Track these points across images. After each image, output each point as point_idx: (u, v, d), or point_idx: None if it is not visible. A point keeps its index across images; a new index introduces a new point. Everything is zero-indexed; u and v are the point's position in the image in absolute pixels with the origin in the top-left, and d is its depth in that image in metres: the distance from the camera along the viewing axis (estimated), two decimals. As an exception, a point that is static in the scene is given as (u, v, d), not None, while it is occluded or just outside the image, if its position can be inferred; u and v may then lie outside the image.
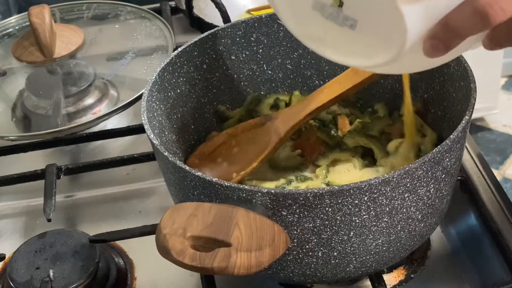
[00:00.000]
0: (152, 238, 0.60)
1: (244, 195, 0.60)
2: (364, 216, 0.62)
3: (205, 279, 0.74)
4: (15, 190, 0.92)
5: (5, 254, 0.80)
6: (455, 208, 0.80)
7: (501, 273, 0.75)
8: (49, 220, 0.81)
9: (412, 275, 0.77)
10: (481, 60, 2.14)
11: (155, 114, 0.75)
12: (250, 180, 0.77)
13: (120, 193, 0.92)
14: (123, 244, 0.82)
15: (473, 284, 0.76)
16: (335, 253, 0.64)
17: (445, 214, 0.73)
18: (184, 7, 1.14)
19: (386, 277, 0.74)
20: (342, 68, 0.86)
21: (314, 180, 0.77)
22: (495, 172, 2.09)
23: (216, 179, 0.61)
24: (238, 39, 0.85)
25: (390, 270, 0.76)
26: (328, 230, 0.62)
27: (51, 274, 0.74)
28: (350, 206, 0.60)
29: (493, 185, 0.83)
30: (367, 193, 0.60)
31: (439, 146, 0.62)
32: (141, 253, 0.81)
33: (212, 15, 1.10)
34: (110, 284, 0.77)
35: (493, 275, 0.76)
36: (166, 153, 0.65)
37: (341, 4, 0.56)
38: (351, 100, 0.87)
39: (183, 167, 0.63)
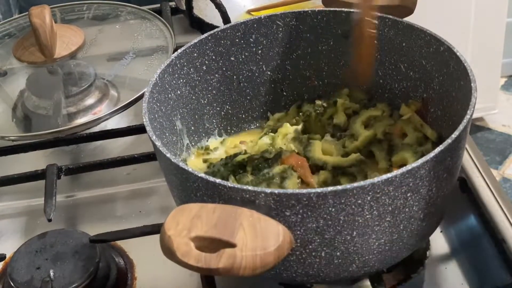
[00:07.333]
0: (152, 238, 0.60)
1: (247, 195, 0.60)
2: (367, 216, 0.62)
3: (205, 279, 0.74)
4: (15, 190, 0.92)
5: (5, 254, 0.80)
6: (455, 208, 0.80)
7: (500, 273, 0.75)
8: (49, 220, 0.81)
9: (411, 275, 0.77)
10: (480, 59, 2.14)
11: (156, 115, 0.75)
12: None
13: (121, 193, 0.92)
14: (123, 244, 0.82)
15: (472, 284, 0.76)
16: (338, 253, 0.64)
17: (444, 214, 0.74)
18: (184, 7, 1.14)
19: (385, 277, 0.74)
20: (341, 69, 0.87)
21: None
22: (494, 172, 2.09)
23: (219, 180, 0.61)
24: (237, 40, 0.85)
25: (389, 270, 0.76)
26: (331, 230, 0.62)
27: (52, 274, 0.74)
28: (353, 206, 0.60)
29: (493, 185, 0.84)
30: (370, 193, 0.60)
31: (441, 145, 0.62)
32: (141, 253, 0.81)
33: (212, 16, 1.11)
34: (110, 284, 0.77)
35: (492, 275, 0.76)
36: (168, 155, 0.65)
37: None
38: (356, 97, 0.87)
39: (186, 168, 0.63)
